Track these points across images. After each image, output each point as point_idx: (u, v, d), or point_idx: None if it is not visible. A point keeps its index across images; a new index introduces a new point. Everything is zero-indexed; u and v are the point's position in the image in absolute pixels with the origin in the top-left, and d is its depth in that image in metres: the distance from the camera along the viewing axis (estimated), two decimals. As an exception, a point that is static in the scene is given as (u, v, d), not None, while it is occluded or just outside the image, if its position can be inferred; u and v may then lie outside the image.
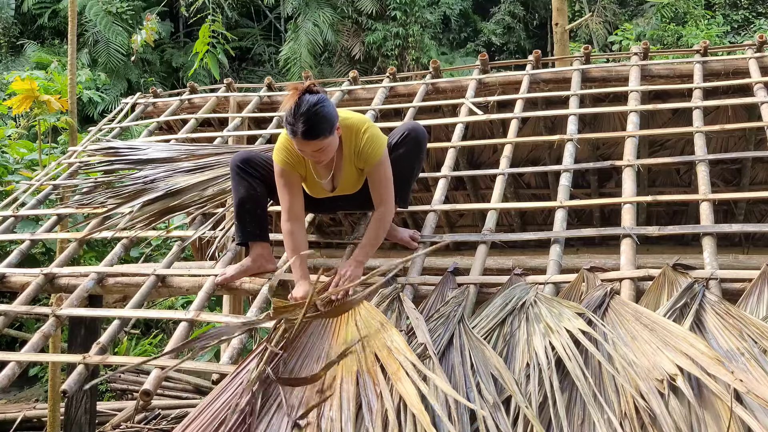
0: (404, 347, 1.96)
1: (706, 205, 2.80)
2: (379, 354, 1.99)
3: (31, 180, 4.28)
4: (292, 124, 2.43)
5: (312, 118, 2.40)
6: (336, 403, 1.84)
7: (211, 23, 6.50)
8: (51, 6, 15.49)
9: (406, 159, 2.82)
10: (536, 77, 4.08)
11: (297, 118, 2.41)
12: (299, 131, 2.42)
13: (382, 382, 1.87)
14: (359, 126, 2.66)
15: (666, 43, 12.95)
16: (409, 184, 2.95)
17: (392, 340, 2.02)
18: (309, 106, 2.40)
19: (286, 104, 2.44)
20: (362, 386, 1.90)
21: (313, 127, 2.41)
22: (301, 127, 2.41)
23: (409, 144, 2.82)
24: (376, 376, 1.90)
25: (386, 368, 1.91)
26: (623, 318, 2.11)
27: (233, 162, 2.89)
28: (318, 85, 2.53)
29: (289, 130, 2.46)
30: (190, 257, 5.55)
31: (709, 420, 1.71)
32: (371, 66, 15.56)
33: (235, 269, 2.89)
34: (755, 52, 3.90)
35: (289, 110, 2.43)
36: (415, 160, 2.87)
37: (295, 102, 2.41)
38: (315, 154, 2.51)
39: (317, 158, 2.55)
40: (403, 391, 1.81)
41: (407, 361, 1.90)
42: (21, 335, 7.43)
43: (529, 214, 5.04)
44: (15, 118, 7.69)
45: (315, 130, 2.42)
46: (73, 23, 4.80)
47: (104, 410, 6.16)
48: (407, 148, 2.82)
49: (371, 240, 2.73)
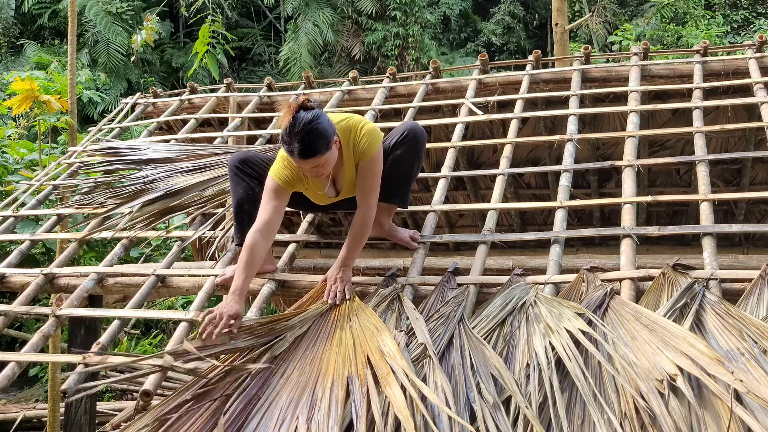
0: (396, 352, 1.96)
1: (706, 205, 2.80)
2: (371, 357, 2.00)
3: (31, 180, 4.28)
4: (289, 144, 2.42)
5: (307, 137, 2.39)
6: (325, 406, 1.85)
7: (211, 23, 6.50)
8: (51, 6, 15.50)
9: (405, 159, 2.81)
10: (536, 77, 4.08)
11: (293, 137, 2.39)
12: (296, 151, 2.41)
13: (372, 386, 1.88)
14: (357, 124, 2.66)
15: (666, 43, 12.95)
16: (409, 184, 2.95)
17: (386, 344, 2.02)
18: (304, 124, 2.38)
19: (281, 123, 2.44)
20: (352, 390, 1.90)
21: (310, 145, 2.40)
22: (297, 147, 2.39)
23: (408, 144, 2.81)
24: (366, 379, 1.90)
25: (377, 372, 1.91)
26: (623, 318, 2.11)
27: (231, 162, 2.89)
28: (312, 101, 2.49)
29: (287, 150, 2.45)
30: (190, 257, 5.55)
31: (709, 420, 1.71)
32: (371, 66, 15.57)
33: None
34: (755, 52, 3.90)
35: (284, 130, 2.42)
36: (415, 160, 2.87)
37: (289, 121, 2.40)
38: (314, 170, 2.51)
39: (316, 173, 2.55)
40: (392, 397, 1.81)
41: (398, 367, 1.90)
42: (21, 335, 7.43)
43: (529, 214, 5.04)
44: (15, 118, 7.68)
45: (311, 149, 2.41)
46: (73, 23, 4.80)
47: (104, 410, 6.17)
48: (406, 147, 2.80)
49: (356, 241, 2.71)
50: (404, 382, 1.85)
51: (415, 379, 1.86)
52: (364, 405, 1.84)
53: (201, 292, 2.83)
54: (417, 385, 1.84)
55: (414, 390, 1.82)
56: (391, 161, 2.76)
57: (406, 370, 1.88)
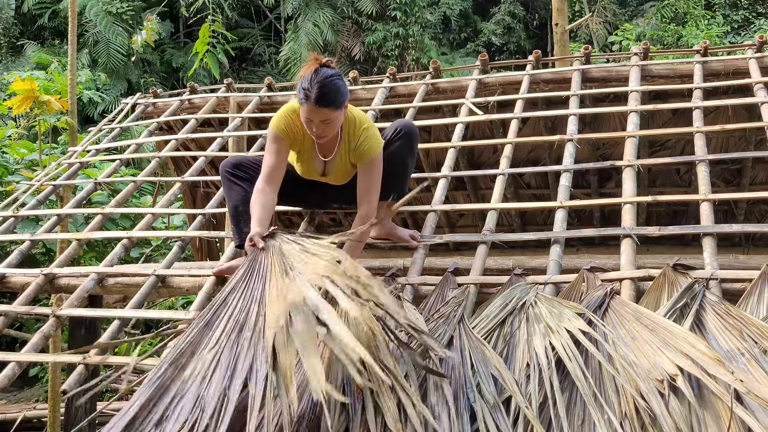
0: (391, 361, 1.94)
1: (707, 205, 2.80)
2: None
3: (32, 180, 4.29)
4: (307, 89, 2.50)
5: (327, 86, 2.50)
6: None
7: (211, 23, 6.51)
8: (51, 6, 15.50)
9: (400, 153, 2.88)
10: (536, 77, 4.08)
11: (313, 84, 2.49)
12: (313, 96, 2.49)
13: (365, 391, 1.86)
14: (361, 122, 2.75)
15: (666, 44, 12.96)
16: (406, 178, 2.98)
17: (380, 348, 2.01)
18: (327, 76, 2.51)
19: (304, 72, 2.54)
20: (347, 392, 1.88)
21: (327, 95, 2.50)
22: (315, 93, 2.48)
23: (402, 138, 2.88)
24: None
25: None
26: (623, 318, 2.11)
27: (223, 168, 2.93)
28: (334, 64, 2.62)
29: (303, 95, 2.52)
30: (190, 257, 5.56)
31: (710, 420, 1.71)
32: (371, 66, 15.56)
33: (235, 262, 2.91)
34: (755, 52, 3.90)
35: (305, 77, 2.52)
36: (408, 154, 2.93)
37: (314, 69, 2.51)
38: (321, 125, 2.57)
39: (321, 131, 2.60)
40: (384, 407, 1.78)
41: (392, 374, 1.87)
42: (21, 335, 7.42)
43: (529, 214, 5.04)
44: (15, 118, 7.69)
45: (328, 98, 2.50)
46: (73, 23, 4.81)
47: (104, 410, 6.16)
48: (401, 142, 2.88)
49: (358, 238, 2.75)
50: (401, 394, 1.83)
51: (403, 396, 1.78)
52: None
53: (201, 292, 2.83)
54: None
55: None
56: (386, 157, 2.83)
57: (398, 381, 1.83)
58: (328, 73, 2.52)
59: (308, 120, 2.58)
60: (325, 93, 2.49)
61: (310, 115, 2.55)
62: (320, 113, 2.53)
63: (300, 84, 2.54)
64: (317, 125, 2.57)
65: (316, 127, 2.58)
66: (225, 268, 2.88)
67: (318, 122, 2.56)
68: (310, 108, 2.52)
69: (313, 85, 2.49)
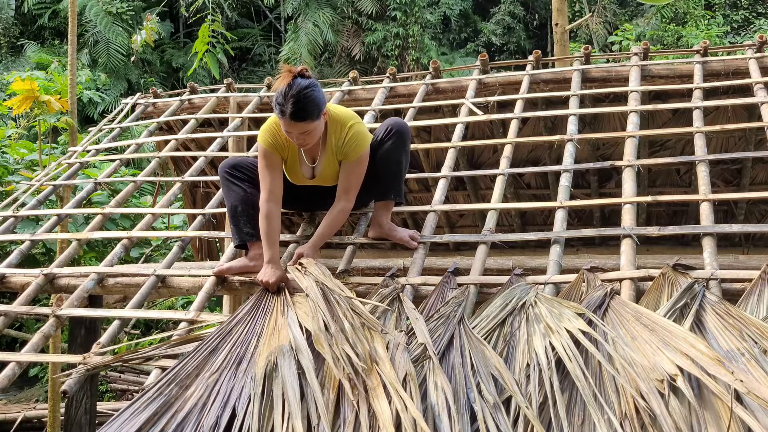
0: (387, 364, 1.95)
1: (706, 205, 2.80)
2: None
3: (31, 180, 4.28)
4: (282, 105, 2.51)
5: (302, 100, 2.49)
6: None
7: (211, 23, 6.51)
8: (51, 6, 15.50)
9: (394, 152, 2.88)
10: (536, 77, 4.08)
11: (287, 99, 2.49)
12: (288, 112, 2.50)
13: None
14: (346, 120, 2.76)
15: (666, 44, 12.95)
16: (400, 177, 2.98)
17: (377, 352, 2.01)
18: (300, 88, 2.49)
19: (278, 85, 2.53)
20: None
21: (302, 109, 2.50)
22: (290, 108, 2.49)
23: (394, 137, 2.88)
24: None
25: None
26: (623, 318, 2.11)
27: (221, 170, 2.94)
28: (310, 71, 2.61)
29: (278, 110, 2.53)
30: (190, 257, 5.56)
31: (710, 420, 1.71)
32: (371, 66, 15.57)
33: (235, 263, 2.92)
34: (755, 52, 3.90)
35: (280, 91, 2.52)
36: (402, 152, 2.93)
37: (287, 83, 2.50)
38: (300, 136, 2.58)
39: (302, 141, 2.62)
40: (378, 410, 1.81)
41: (387, 379, 1.89)
42: (21, 335, 7.43)
43: (529, 215, 5.04)
44: (15, 118, 7.69)
45: (303, 112, 2.50)
46: (73, 23, 4.81)
47: (104, 410, 6.16)
48: (393, 140, 2.88)
49: (330, 229, 2.84)
50: (393, 395, 1.87)
51: (403, 394, 1.86)
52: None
53: (201, 292, 2.84)
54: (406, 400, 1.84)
55: (399, 403, 1.82)
56: (379, 156, 2.84)
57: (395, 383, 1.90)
58: (302, 84, 2.50)
59: (288, 132, 2.60)
60: (300, 107, 2.49)
61: (288, 128, 2.57)
62: (298, 126, 2.54)
63: (275, 98, 2.54)
64: (297, 136, 2.60)
65: (296, 138, 2.61)
66: (225, 269, 2.89)
67: (297, 134, 2.58)
68: (287, 122, 2.54)
69: (288, 100, 2.48)
